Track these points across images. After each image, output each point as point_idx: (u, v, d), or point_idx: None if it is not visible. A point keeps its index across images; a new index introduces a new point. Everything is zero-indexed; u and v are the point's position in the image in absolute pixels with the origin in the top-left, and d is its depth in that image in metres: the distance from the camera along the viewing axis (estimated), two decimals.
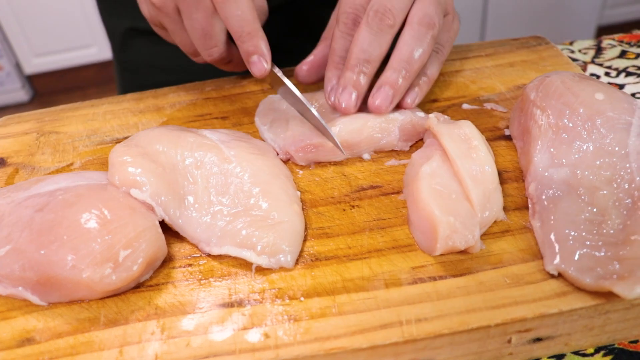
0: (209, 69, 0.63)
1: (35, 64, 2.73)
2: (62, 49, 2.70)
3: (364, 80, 0.50)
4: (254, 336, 0.38)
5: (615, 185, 0.44)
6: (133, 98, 0.64)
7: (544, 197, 0.45)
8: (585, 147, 0.46)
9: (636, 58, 0.75)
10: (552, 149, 0.47)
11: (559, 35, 2.50)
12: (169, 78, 0.73)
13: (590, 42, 0.80)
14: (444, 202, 0.42)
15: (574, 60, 0.76)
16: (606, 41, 0.80)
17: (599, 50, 0.78)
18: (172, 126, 0.52)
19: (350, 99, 0.50)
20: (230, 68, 0.58)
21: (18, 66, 2.73)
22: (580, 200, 0.44)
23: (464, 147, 0.46)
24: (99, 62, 2.78)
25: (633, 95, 0.68)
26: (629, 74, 0.72)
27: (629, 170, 0.44)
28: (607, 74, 0.73)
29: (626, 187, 0.44)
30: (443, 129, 0.47)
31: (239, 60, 0.55)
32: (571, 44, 0.80)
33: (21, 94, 2.77)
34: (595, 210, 0.43)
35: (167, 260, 0.45)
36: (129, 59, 0.85)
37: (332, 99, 0.51)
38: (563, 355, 0.43)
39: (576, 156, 0.46)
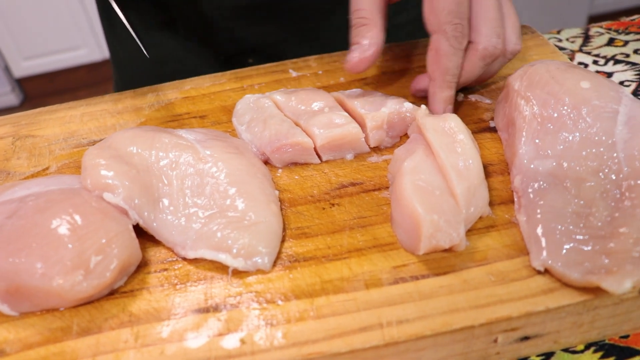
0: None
1: (24, 67, 2.71)
2: (51, 51, 2.69)
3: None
4: (230, 342, 0.37)
5: (602, 176, 0.43)
6: (111, 99, 0.62)
7: (529, 190, 0.43)
8: (571, 138, 0.45)
9: (624, 45, 0.74)
10: (537, 140, 0.45)
11: (551, 25, 2.49)
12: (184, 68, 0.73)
13: (578, 31, 0.79)
14: (427, 199, 0.41)
15: (562, 49, 0.75)
16: (594, 29, 0.78)
17: (586, 38, 0.77)
18: (147, 127, 0.51)
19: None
20: None
21: (7, 69, 2.71)
22: (567, 192, 0.42)
23: (449, 140, 0.45)
24: (89, 63, 2.76)
25: (621, 83, 0.67)
26: (617, 62, 0.71)
27: (616, 160, 0.43)
28: (595, 62, 0.72)
29: (613, 177, 0.42)
30: (428, 122, 0.46)
31: None
32: (559, 32, 0.79)
33: (11, 98, 2.75)
34: (582, 202, 0.42)
35: (142, 265, 0.43)
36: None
37: None
38: (552, 354, 0.41)
39: (562, 147, 0.44)
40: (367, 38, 0.49)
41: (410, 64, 0.62)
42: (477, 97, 0.56)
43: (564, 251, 0.39)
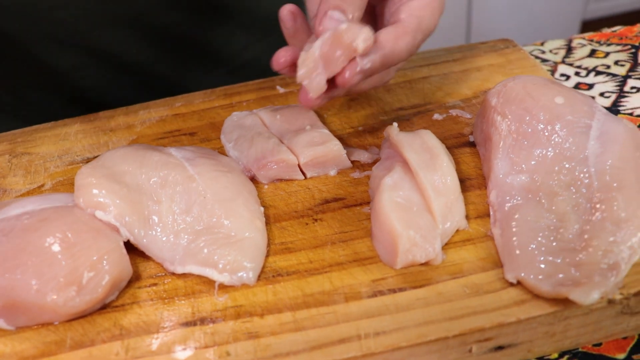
0: None
1: None
2: None
3: None
4: (215, 354, 0.38)
5: (574, 190, 0.44)
6: (105, 116, 0.64)
7: (504, 204, 0.45)
8: (544, 153, 0.47)
9: (605, 57, 0.76)
10: (512, 155, 0.47)
11: (543, 33, 2.51)
12: None
13: (561, 42, 0.80)
14: (405, 216, 0.43)
15: (545, 60, 0.77)
16: (576, 40, 0.80)
17: (569, 50, 0.79)
18: (138, 145, 0.53)
19: None
20: None
21: None
22: (540, 206, 0.44)
23: (426, 157, 0.47)
24: None
25: (602, 94, 0.69)
26: (598, 73, 0.73)
27: (587, 175, 0.45)
28: (577, 73, 0.74)
29: (584, 191, 0.44)
30: (403, 139, 0.48)
31: None
32: (542, 44, 0.81)
33: None
34: (554, 216, 0.44)
35: (133, 280, 0.45)
36: None
37: None
38: None
39: (535, 162, 0.46)
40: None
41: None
42: (458, 111, 0.58)
43: (536, 264, 0.41)
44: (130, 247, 0.46)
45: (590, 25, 2.76)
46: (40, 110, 0.74)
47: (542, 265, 0.41)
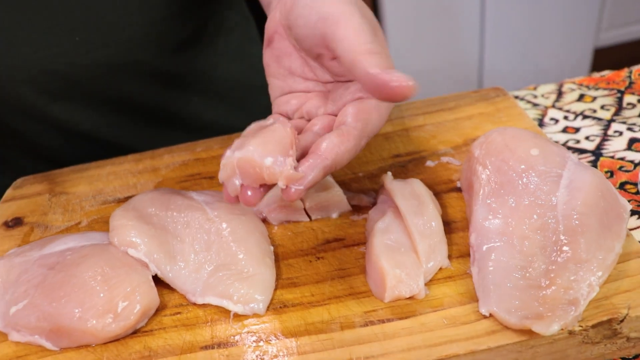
0: None
1: None
2: None
3: None
4: None
5: (543, 233, 0.51)
6: (133, 159, 0.72)
7: (482, 245, 0.52)
8: (518, 200, 0.53)
9: (593, 101, 0.82)
10: (489, 201, 0.54)
11: (557, 65, 2.54)
12: None
13: (553, 87, 0.87)
14: (393, 256, 0.49)
15: (536, 105, 0.83)
16: (567, 85, 0.86)
17: (559, 94, 0.85)
18: (164, 189, 0.60)
19: None
20: None
21: None
22: (513, 247, 0.51)
23: (414, 203, 0.53)
24: None
25: (587, 138, 0.75)
26: (585, 117, 0.79)
27: (554, 220, 0.51)
28: (565, 117, 0.80)
29: (551, 235, 0.50)
30: (395, 187, 0.55)
31: None
32: (535, 88, 0.87)
33: None
34: (524, 256, 0.50)
35: (160, 309, 0.52)
36: None
37: None
38: None
39: (510, 208, 0.53)
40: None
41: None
42: (448, 159, 0.64)
43: (506, 299, 0.47)
44: (157, 280, 0.53)
45: (602, 54, 2.81)
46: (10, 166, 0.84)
47: (512, 301, 0.47)
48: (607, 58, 2.74)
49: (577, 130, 0.77)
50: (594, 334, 0.46)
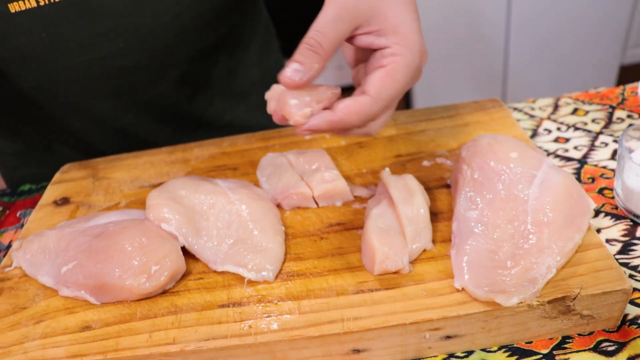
0: None
1: None
2: None
3: None
4: (242, 326, 0.55)
5: (513, 224, 0.59)
6: (167, 151, 0.82)
7: (461, 232, 0.60)
8: (495, 195, 0.61)
9: (585, 115, 0.88)
10: (470, 195, 0.62)
11: (582, 81, 2.57)
12: None
13: (550, 101, 0.94)
14: (383, 236, 0.58)
15: (532, 116, 0.90)
16: (563, 99, 0.93)
17: (555, 107, 0.92)
18: (193, 176, 0.70)
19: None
20: None
21: None
22: (486, 235, 0.59)
23: (406, 194, 0.62)
24: None
25: (575, 147, 0.82)
26: (576, 129, 0.85)
27: (524, 213, 0.59)
28: (558, 128, 0.86)
29: (520, 225, 0.59)
30: (391, 180, 0.64)
31: None
32: (534, 101, 0.94)
33: None
34: (495, 242, 0.58)
35: (186, 274, 0.62)
36: None
37: None
38: (473, 351, 0.57)
39: (487, 201, 0.61)
40: (310, 67, 0.51)
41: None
42: (443, 160, 0.73)
43: (477, 276, 0.55)
44: (185, 250, 0.63)
45: (628, 71, 2.83)
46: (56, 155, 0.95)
47: (481, 278, 0.55)
48: (633, 75, 2.75)
49: (567, 140, 0.83)
50: (550, 309, 0.54)
